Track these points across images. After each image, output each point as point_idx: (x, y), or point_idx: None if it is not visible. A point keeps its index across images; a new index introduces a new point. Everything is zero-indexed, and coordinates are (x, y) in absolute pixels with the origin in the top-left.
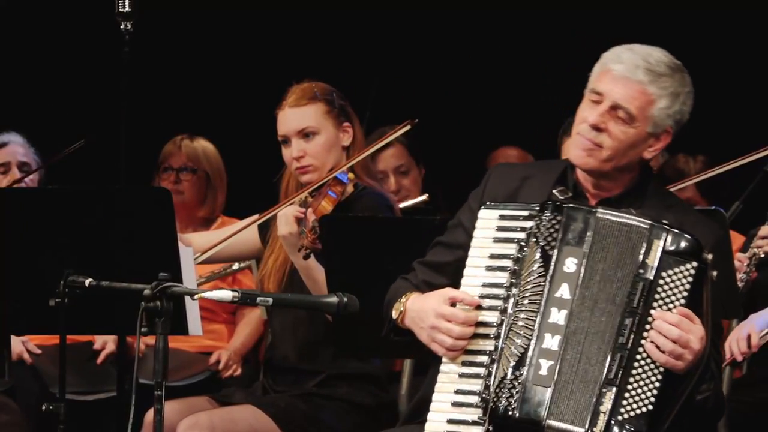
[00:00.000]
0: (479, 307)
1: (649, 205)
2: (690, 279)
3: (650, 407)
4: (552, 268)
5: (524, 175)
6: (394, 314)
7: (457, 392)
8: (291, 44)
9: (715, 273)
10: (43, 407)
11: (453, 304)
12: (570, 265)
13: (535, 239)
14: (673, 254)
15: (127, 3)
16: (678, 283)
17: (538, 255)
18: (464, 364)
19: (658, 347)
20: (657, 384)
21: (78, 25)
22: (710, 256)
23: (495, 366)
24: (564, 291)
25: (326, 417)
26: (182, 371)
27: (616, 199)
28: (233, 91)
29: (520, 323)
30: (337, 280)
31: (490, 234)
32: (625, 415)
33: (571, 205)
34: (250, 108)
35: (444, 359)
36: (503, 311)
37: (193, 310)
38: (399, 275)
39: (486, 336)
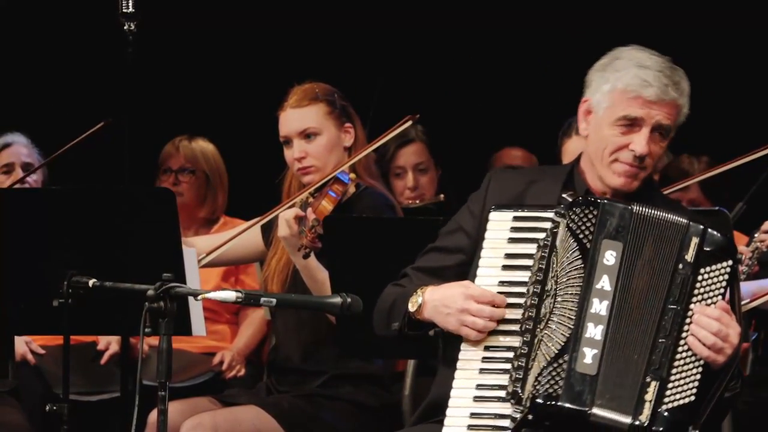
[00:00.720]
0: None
1: (656, 206)
2: (726, 277)
3: (692, 398)
4: (591, 259)
5: (528, 179)
6: (411, 307)
7: (479, 387)
8: (293, 45)
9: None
10: (47, 408)
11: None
12: (609, 257)
13: (569, 232)
14: (709, 252)
15: (130, 3)
16: (716, 279)
17: (575, 248)
18: (485, 360)
19: (699, 340)
20: (698, 376)
21: (81, 26)
22: (741, 255)
23: (528, 358)
24: (605, 282)
25: (329, 417)
26: (185, 372)
27: (624, 199)
28: (236, 92)
29: (558, 314)
30: (341, 280)
31: (504, 235)
32: (669, 405)
33: (605, 199)
34: (253, 108)
35: (461, 356)
36: (531, 306)
37: (196, 310)
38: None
39: (507, 332)
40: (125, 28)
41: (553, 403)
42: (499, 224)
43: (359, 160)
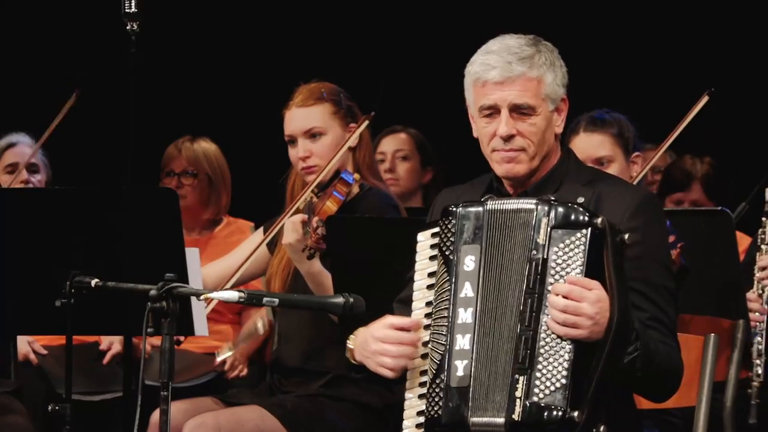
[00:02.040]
0: (426, 327)
1: (566, 185)
2: (582, 247)
3: (564, 381)
4: (454, 270)
5: (460, 193)
6: (347, 353)
7: (419, 413)
8: (299, 44)
9: (626, 235)
10: (50, 408)
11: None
12: (468, 263)
13: (437, 247)
14: (562, 227)
15: (133, 4)
16: (571, 254)
17: (441, 262)
18: (421, 384)
19: (554, 320)
20: (567, 356)
21: (84, 25)
22: (599, 220)
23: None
24: (467, 290)
25: (333, 417)
26: (188, 372)
27: (533, 190)
28: (240, 91)
29: (437, 331)
30: (343, 280)
31: (427, 254)
32: (540, 395)
33: (461, 205)
34: (256, 108)
35: (407, 386)
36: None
37: (199, 310)
38: (406, 275)
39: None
40: (128, 28)
41: (438, 420)
42: (424, 244)
43: (363, 161)
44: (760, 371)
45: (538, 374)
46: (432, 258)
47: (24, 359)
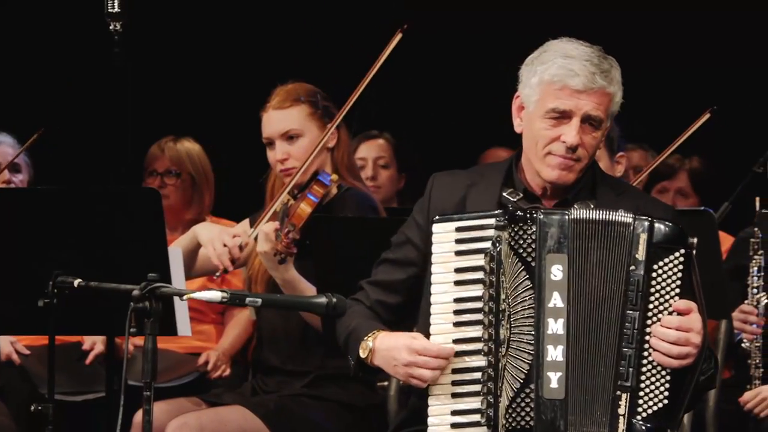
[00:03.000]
0: (458, 324)
1: (601, 195)
2: (681, 267)
3: (666, 402)
4: (538, 278)
5: (468, 182)
6: (362, 353)
7: (454, 413)
8: (281, 44)
9: (694, 252)
10: (32, 408)
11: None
12: (556, 272)
13: (511, 250)
14: (660, 245)
15: (116, 3)
16: (670, 273)
17: (520, 267)
18: (455, 383)
19: (663, 354)
20: (668, 378)
21: (67, 25)
22: (695, 240)
23: (495, 383)
24: (556, 300)
25: (315, 417)
26: (171, 372)
27: (573, 198)
28: (223, 91)
29: (517, 338)
30: (325, 280)
31: (450, 248)
32: (643, 414)
33: (541, 212)
34: (239, 108)
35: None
36: (489, 324)
37: (182, 310)
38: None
39: (473, 352)
40: (111, 28)
41: None
42: (444, 236)
43: (342, 161)
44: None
45: (641, 393)
46: (460, 253)
47: (6, 359)
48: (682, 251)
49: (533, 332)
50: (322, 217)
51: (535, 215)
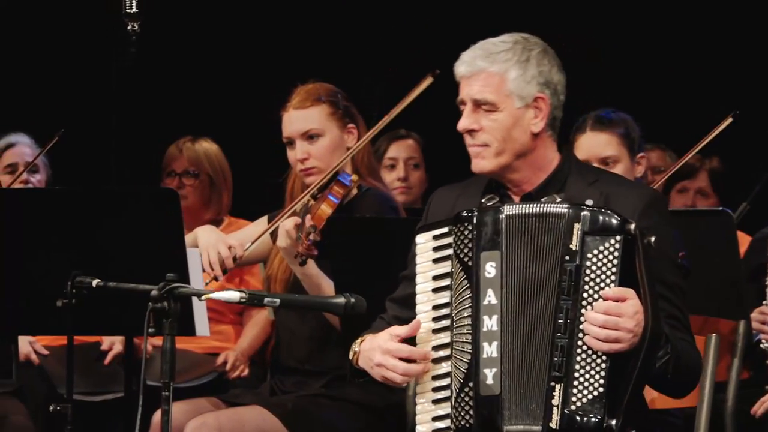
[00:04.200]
0: (435, 331)
1: (571, 186)
2: (617, 254)
3: (601, 389)
4: (475, 276)
5: (459, 193)
6: (351, 356)
7: (434, 419)
8: (299, 44)
9: (653, 238)
10: (51, 408)
11: (404, 341)
12: (489, 269)
13: (454, 253)
14: (595, 233)
15: (134, 4)
16: (605, 260)
17: (459, 268)
18: (434, 390)
19: (594, 338)
20: (603, 365)
21: (85, 25)
22: (632, 226)
23: (449, 387)
24: (490, 297)
25: (334, 418)
26: (189, 372)
27: (537, 191)
28: (241, 92)
29: (460, 339)
30: (344, 280)
31: (429, 256)
32: (578, 403)
33: (475, 211)
34: (258, 107)
35: (418, 389)
36: (451, 329)
37: (200, 310)
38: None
39: (446, 358)
40: (128, 28)
41: (470, 429)
42: (425, 246)
43: (362, 162)
44: None
45: (575, 382)
46: (436, 261)
47: (25, 359)
48: (618, 238)
49: (471, 331)
50: (339, 217)
51: (471, 215)
